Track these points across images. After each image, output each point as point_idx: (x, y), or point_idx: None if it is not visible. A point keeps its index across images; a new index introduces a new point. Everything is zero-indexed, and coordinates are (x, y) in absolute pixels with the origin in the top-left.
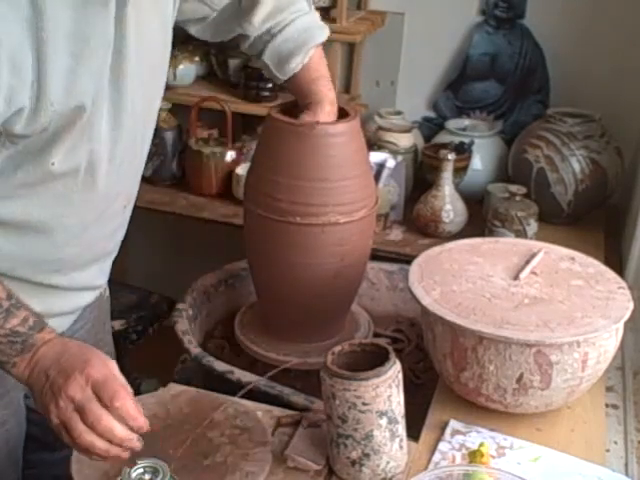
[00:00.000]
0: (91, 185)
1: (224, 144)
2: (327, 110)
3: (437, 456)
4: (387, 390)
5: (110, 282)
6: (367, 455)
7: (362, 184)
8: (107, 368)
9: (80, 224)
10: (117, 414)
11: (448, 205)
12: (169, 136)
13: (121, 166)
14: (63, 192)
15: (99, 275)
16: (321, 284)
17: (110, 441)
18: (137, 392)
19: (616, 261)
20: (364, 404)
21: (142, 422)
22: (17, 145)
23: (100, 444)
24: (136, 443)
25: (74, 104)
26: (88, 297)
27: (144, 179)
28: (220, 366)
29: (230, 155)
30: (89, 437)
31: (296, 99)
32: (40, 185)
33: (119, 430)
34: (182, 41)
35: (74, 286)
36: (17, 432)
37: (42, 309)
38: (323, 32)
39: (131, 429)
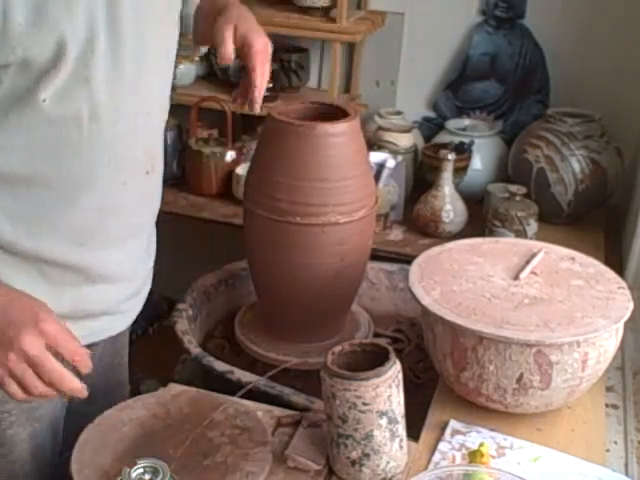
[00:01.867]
0: (98, 135)
1: (224, 144)
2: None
3: (437, 456)
4: (387, 390)
5: None
6: (367, 455)
7: (362, 184)
8: (57, 322)
9: (95, 183)
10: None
11: (448, 205)
12: (169, 136)
13: (132, 119)
14: (66, 142)
15: (134, 265)
16: (321, 284)
17: (58, 390)
18: (137, 392)
19: (616, 261)
20: (364, 404)
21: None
22: (2, 83)
23: (50, 393)
24: (85, 393)
25: (48, 31)
26: (125, 296)
27: None
28: (220, 366)
29: (230, 155)
30: (43, 389)
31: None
32: (37, 131)
33: (75, 383)
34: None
35: (104, 272)
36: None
37: (69, 304)
38: None
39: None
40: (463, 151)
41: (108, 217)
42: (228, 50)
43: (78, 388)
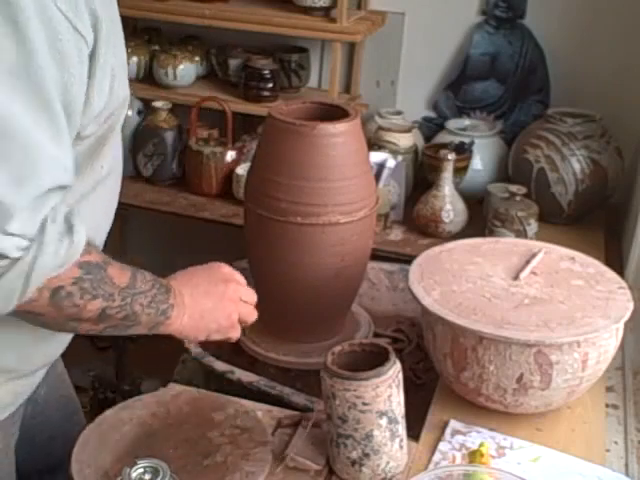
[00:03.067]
0: (116, 184)
1: (224, 144)
2: None
3: (437, 456)
4: (387, 390)
5: None
6: (367, 455)
7: (362, 184)
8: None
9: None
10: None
11: (448, 205)
12: (169, 136)
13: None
14: (108, 197)
15: None
16: (321, 284)
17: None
18: (137, 392)
19: (616, 261)
20: (364, 404)
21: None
22: (76, 148)
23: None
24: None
25: (122, 94)
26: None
27: (144, 179)
28: (220, 366)
29: (230, 155)
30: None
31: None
32: (92, 193)
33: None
34: (182, 41)
35: None
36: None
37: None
38: None
39: None
40: (463, 151)
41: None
42: None
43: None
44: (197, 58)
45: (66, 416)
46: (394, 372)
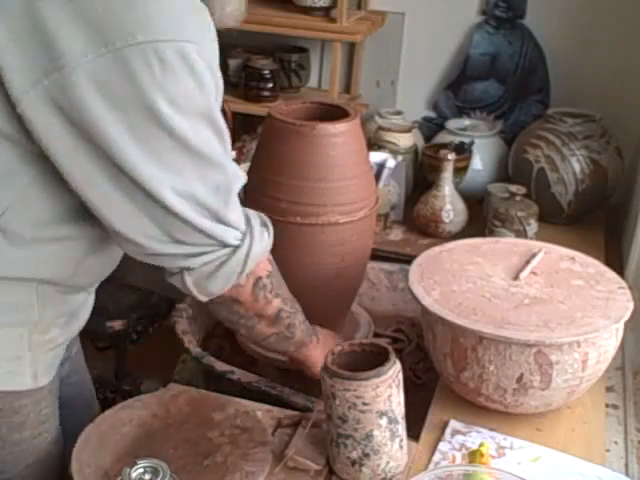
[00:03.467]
0: None
1: None
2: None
3: (437, 456)
4: (387, 390)
5: (110, 282)
6: (367, 455)
7: (362, 184)
8: None
9: None
10: None
11: (448, 205)
12: None
13: None
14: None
15: None
16: (321, 284)
17: None
18: (137, 392)
19: (616, 261)
20: (364, 404)
21: None
22: None
23: None
24: None
25: None
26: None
27: None
28: (220, 366)
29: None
30: None
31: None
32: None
33: None
34: None
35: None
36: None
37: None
38: None
39: None
40: (463, 151)
41: None
42: None
43: None
44: None
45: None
46: (394, 372)
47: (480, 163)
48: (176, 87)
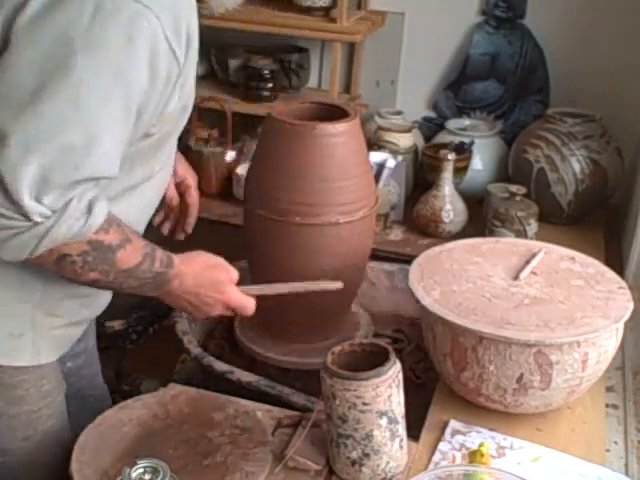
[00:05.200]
0: (164, 182)
1: (224, 144)
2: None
3: (437, 456)
4: (387, 390)
5: None
6: (367, 455)
7: (362, 184)
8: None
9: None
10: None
11: (448, 205)
12: None
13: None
14: (156, 191)
15: None
16: None
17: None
18: (137, 392)
19: (616, 261)
20: (364, 404)
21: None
22: (138, 146)
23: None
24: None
25: (188, 102)
26: None
27: None
28: (220, 366)
29: (230, 155)
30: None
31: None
32: (141, 185)
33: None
34: None
35: None
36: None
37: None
38: None
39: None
40: (463, 151)
41: None
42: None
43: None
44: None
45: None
46: (394, 372)
47: (480, 163)
48: (103, 35)
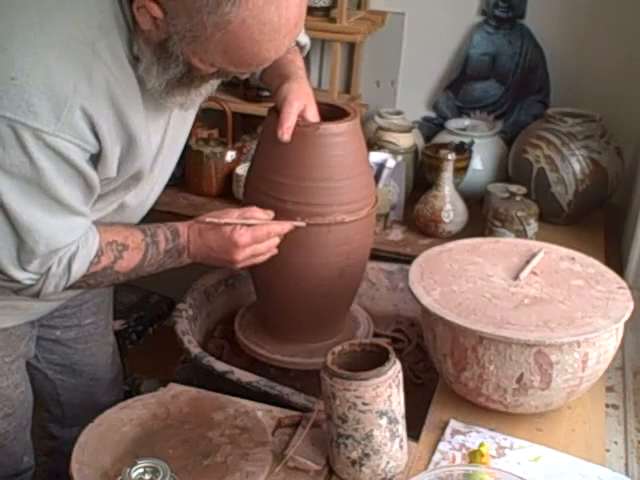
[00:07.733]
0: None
1: (224, 144)
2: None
3: (437, 456)
4: (387, 390)
5: None
6: (367, 455)
7: (364, 183)
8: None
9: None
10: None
11: (448, 205)
12: None
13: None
14: (140, 200)
15: None
16: (327, 283)
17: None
18: (137, 392)
19: (616, 261)
20: (364, 404)
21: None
22: (106, 188)
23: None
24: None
25: (137, 164)
26: None
27: None
28: (220, 366)
29: (230, 155)
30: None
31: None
32: (114, 212)
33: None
34: None
35: None
36: (29, 395)
37: None
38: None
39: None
40: (463, 151)
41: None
42: (290, 128)
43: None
44: None
45: (108, 366)
46: (394, 372)
47: (480, 163)
48: (3, 154)
